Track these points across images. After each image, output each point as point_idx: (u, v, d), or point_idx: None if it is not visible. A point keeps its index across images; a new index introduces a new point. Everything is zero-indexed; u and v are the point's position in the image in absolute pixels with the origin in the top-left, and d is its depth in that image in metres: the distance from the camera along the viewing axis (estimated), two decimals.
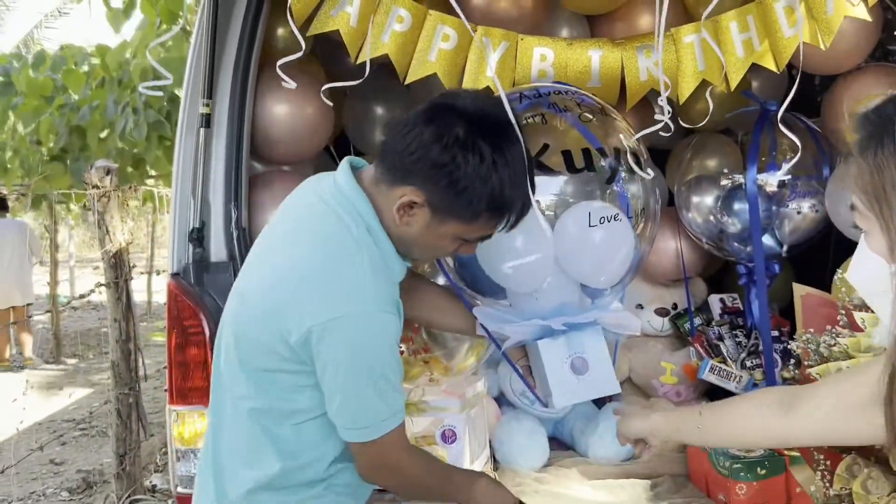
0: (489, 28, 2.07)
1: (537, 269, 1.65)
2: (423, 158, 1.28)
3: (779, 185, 2.44)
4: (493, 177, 1.29)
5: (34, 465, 4.73)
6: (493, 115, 1.34)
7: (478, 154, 1.27)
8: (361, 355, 1.30)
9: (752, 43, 2.10)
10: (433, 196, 1.29)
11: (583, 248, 1.66)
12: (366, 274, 1.30)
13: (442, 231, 1.34)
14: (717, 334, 2.68)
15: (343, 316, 1.28)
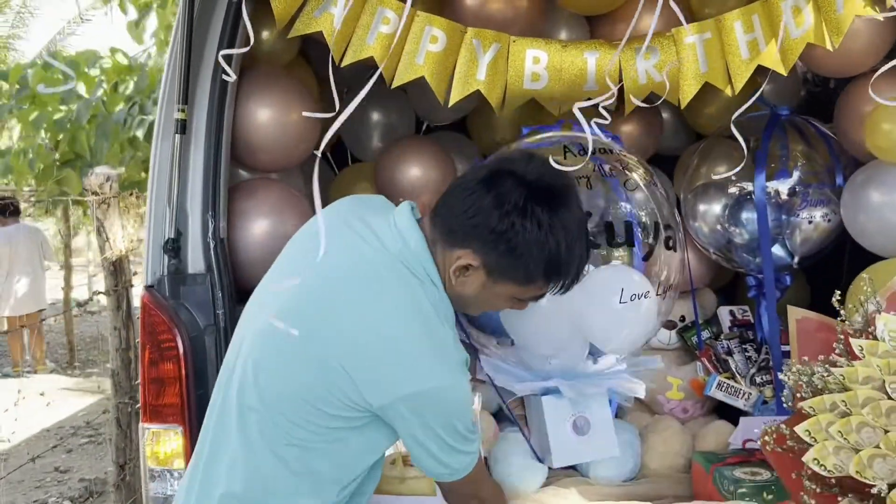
0: (479, 29, 1.98)
1: (555, 333, 1.68)
2: (482, 224, 1.34)
3: (789, 192, 2.32)
4: (551, 242, 1.35)
5: (39, 473, 4.71)
6: (550, 181, 1.39)
7: (535, 221, 1.34)
8: (453, 419, 1.38)
9: (758, 44, 1.99)
10: (490, 260, 1.35)
11: (608, 323, 1.69)
12: (449, 341, 1.37)
13: (496, 292, 1.40)
14: (726, 348, 2.56)
15: (435, 388, 1.34)
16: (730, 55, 2.01)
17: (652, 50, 2.00)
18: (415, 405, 1.34)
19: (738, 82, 2.02)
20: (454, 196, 1.38)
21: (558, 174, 1.44)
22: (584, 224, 1.44)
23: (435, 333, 1.36)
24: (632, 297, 1.63)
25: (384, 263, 1.38)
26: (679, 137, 2.87)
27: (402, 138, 2.60)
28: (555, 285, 1.41)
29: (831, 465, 1.53)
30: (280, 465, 1.38)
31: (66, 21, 13.68)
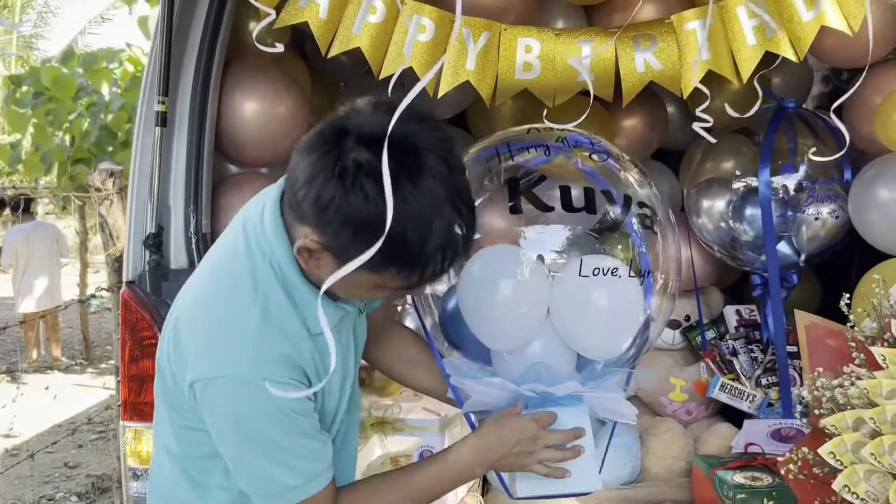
0: (470, 17, 1.92)
1: (523, 320, 1.35)
2: (308, 195, 1.06)
3: (795, 188, 2.24)
4: (387, 219, 1.02)
5: (48, 468, 4.73)
6: (397, 139, 1.03)
7: (362, 192, 1.02)
8: (241, 425, 1.14)
9: (765, 29, 1.91)
10: (329, 241, 1.07)
11: (571, 303, 1.34)
12: (249, 333, 1.13)
13: (356, 281, 1.10)
14: (731, 349, 2.48)
15: (218, 378, 1.13)
16: (735, 42, 1.93)
17: (650, 37, 1.92)
18: (203, 395, 1.14)
19: (745, 71, 1.94)
20: (294, 158, 1.11)
21: (418, 130, 1.06)
22: (455, 196, 1.07)
23: (242, 318, 1.13)
24: (595, 271, 1.30)
25: (229, 239, 1.21)
26: (685, 132, 2.78)
27: None
28: (411, 275, 1.09)
29: (863, 493, 1.42)
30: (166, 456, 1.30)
31: (87, 20, 13.81)
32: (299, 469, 1.17)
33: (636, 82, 1.99)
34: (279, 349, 1.13)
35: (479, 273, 1.35)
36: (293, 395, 1.13)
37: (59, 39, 13.94)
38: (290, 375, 1.14)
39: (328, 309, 1.16)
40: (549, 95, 2.00)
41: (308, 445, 1.18)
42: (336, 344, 1.18)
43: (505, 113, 2.64)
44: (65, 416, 5.61)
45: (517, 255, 1.35)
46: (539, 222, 1.37)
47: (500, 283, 1.34)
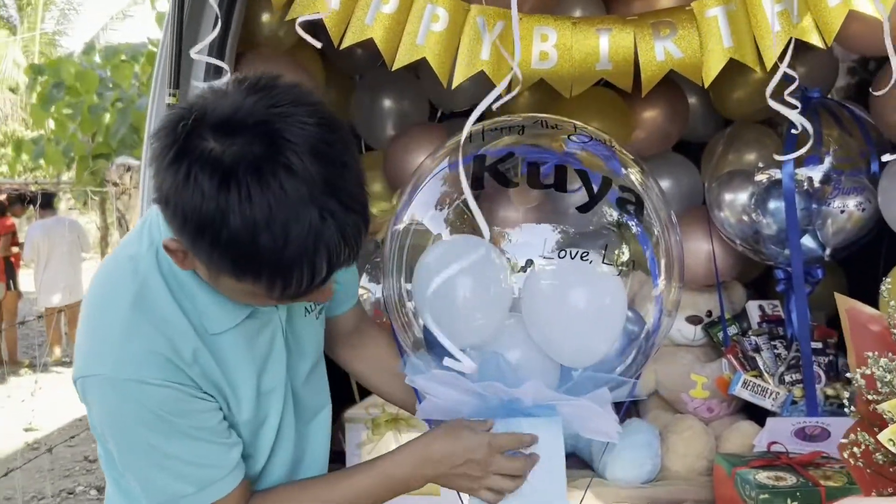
0: (484, 6, 1.88)
1: (481, 311, 1.20)
2: (154, 185, 0.93)
3: (820, 180, 2.18)
4: (231, 222, 0.87)
5: (69, 462, 4.76)
6: (244, 118, 0.88)
7: (198, 184, 0.86)
8: (115, 427, 1.04)
9: (790, 15, 1.85)
10: (187, 242, 0.93)
11: (536, 292, 1.18)
12: (117, 327, 1.01)
13: (227, 285, 0.98)
14: (754, 345, 2.43)
15: (88, 377, 1.03)
16: (758, 29, 1.87)
17: (669, 25, 1.87)
18: (82, 394, 1.04)
19: (768, 58, 1.88)
20: (147, 141, 1.05)
21: (285, 115, 0.90)
22: (326, 196, 0.90)
23: (113, 311, 1.02)
24: (561, 253, 1.14)
25: (136, 226, 1.11)
26: (706, 124, 2.73)
27: (411, 126, 2.51)
28: (272, 286, 0.94)
29: None
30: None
31: (109, 17, 13.92)
32: (188, 475, 1.06)
33: (655, 71, 1.93)
34: (150, 346, 1.01)
35: (432, 263, 1.21)
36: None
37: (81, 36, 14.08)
38: (165, 377, 1.01)
39: (227, 306, 1.06)
40: (566, 86, 1.95)
41: (197, 450, 1.06)
42: (244, 351, 1.09)
43: (521, 105, 2.59)
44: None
45: (472, 242, 1.21)
46: (509, 208, 1.25)
47: (453, 272, 1.19)
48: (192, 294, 1.05)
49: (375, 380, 1.41)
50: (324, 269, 0.93)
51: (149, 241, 1.06)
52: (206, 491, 1.07)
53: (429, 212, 1.29)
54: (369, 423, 2.17)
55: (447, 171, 1.31)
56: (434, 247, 1.24)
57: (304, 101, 0.93)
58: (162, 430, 1.03)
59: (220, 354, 1.07)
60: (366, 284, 2.35)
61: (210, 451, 1.07)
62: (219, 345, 1.07)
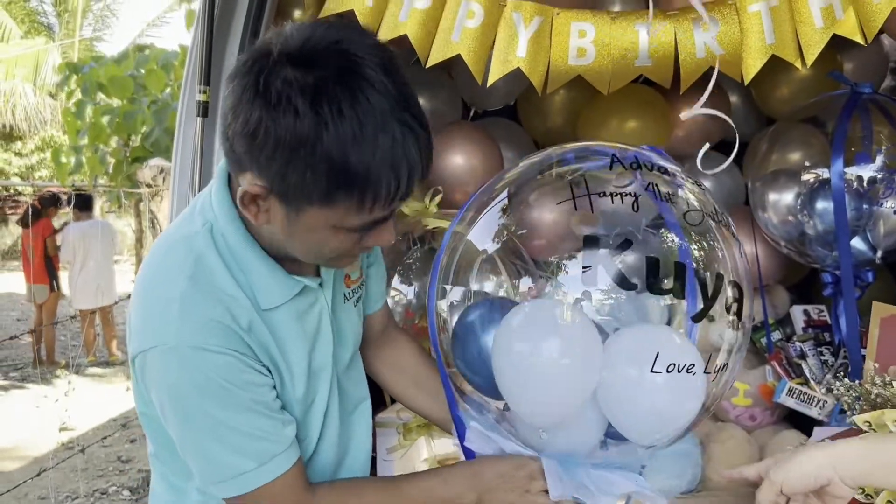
0: (520, 2, 1.83)
1: (560, 396, 1.16)
2: (236, 127, 0.94)
3: (871, 180, 2.09)
4: (325, 137, 0.90)
5: (103, 462, 4.80)
6: (320, 48, 0.92)
7: (291, 108, 0.89)
8: (176, 399, 1.04)
9: (834, 10, 1.78)
10: (272, 179, 0.95)
11: (632, 395, 1.14)
12: (175, 299, 1.02)
13: (307, 224, 0.99)
14: (799, 351, 2.34)
15: (149, 350, 1.04)
16: (801, 24, 1.80)
17: (711, 20, 1.81)
18: (143, 370, 1.05)
19: (809, 55, 1.81)
20: (224, 91, 0.99)
21: (350, 37, 0.94)
22: (402, 109, 0.94)
23: (170, 285, 1.04)
24: (669, 367, 1.10)
25: (180, 218, 1.14)
26: (749, 122, 2.64)
27: (444, 125, 2.46)
28: (363, 202, 0.96)
29: None
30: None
31: (145, 23, 14.13)
32: (247, 449, 1.06)
33: (696, 67, 1.87)
34: (209, 314, 1.02)
35: (517, 333, 1.14)
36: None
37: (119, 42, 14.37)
38: (225, 344, 1.02)
39: (281, 281, 1.09)
40: (604, 83, 1.90)
41: (255, 422, 1.06)
42: (296, 327, 1.12)
43: (557, 103, 2.54)
44: (119, 411, 5.70)
45: (564, 315, 1.14)
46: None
47: (543, 351, 1.13)
48: (248, 269, 1.07)
49: (399, 386, 1.42)
50: (405, 182, 0.96)
51: (202, 221, 1.08)
52: (266, 466, 1.07)
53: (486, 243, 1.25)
54: (400, 429, 2.13)
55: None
56: (517, 312, 1.17)
57: (361, 28, 1.00)
58: (222, 400, 1.03)
59: (273, 329, 1.09)
60: (398, 286, 2.31)
61: (268, 425, 1.07)
62: (272, 320, 1.08)
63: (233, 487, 1.08)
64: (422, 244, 2.29)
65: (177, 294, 1.03)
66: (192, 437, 1.07)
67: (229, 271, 1.06)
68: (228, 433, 1.05)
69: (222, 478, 1.07)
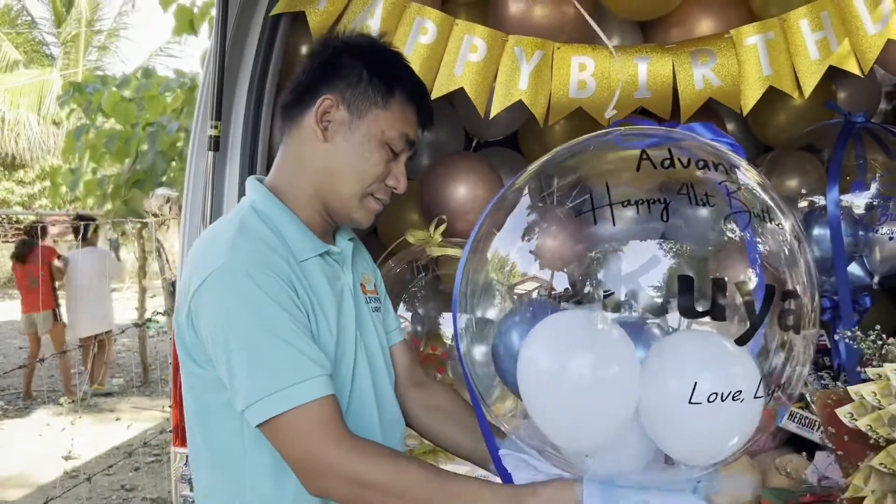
0: (521, 37, 1.89)
1: (600, 419, 1.05)
2: (316, 70, 1.29)
3: (867, 206, 2.13)
4: (388, 52, 1.34)
5: (106, 491, 4.79)
6: (378, 49, 1.35)
7: (363, 38, 1.34)
8: (230, 318, 1.15)
9: (829, 43, 1.83)
10: (343, 91, 1.28)
11: (674, 419, 1.03)
12: (226, 237, 1.21)
13: (364, 130, 1.28)
14: None
15: (205, 280, 1.17)
16: (797, 56, 1.86)
17: (708, 53, 1.86)
18: (199, 298, 1.18)
19: (807, 86, 1.87)
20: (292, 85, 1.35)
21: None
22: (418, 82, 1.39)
23: (222, 233, 1.23)
24: (711, 396, 0.99)
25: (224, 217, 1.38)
26: (746, 151, 2.69)
27: (447, 155, 2.52)
28: (406, 108, 1.30)
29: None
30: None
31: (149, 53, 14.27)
32: (290, 364, 1.13)
33: (695, 99, 1.93)
34: (255, 246, 1.20)
35: (545, 351, 1.05)
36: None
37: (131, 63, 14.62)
38: (272, 269, 1.18)
39: (311, 239, 1.29)
40: (604, 114, 1.95)
41: (298, 340, 1.15)
42: (326, 284, 1.27)
43: (558, 133, 2.59)
44: (122, 439, 5.70)
45: (597, 328, 1.03)
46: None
47: (576, 370, 1.03)
48: (283, 229, 1.26)
49: (434, 426, 1.45)
50: (425, 107, 1.33)
51: (243, 202, 1.32)
52: (306, 384, 1.13)
53: (516, 244, 1.16)
54: (408, 455, 2.15)
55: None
56: (544, 328, 1.07)
57: None
58: (268, 316, 1.14)
59: (308, 277, 1.24)
60: (403, 314, 2.35)
61: (308, 346, 1.16)
62: (307, 270, 1.25)
63: (273, 405, 1.12)
64: (426, 272, 2.33)
65: (225, 239, 1.20)
66: (239, 354, 1.14)
67: (269, 229, 1.25)
68: (273, 346, 1.13)
69: (264, 392, 1.12)
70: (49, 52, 17.12)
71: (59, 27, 16.67)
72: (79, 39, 16.17)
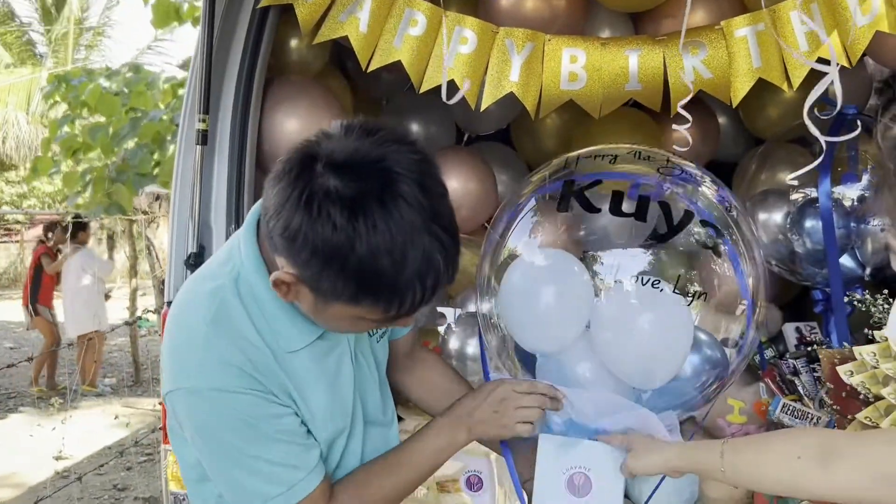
0: (512, 28, 1.87)
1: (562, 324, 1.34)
2: (277, 225, 1.01)
3: (858, 198, 2.13)
4: (358, 249, 0.97)
5: (98, 491, 4.76)
6: (364, 162, 0.99)
7: (330, 220, 0.97)
8: (205, 435, 1.13)
9: (818, 35, 1.83)
10: (302, 272, 1.03)
11: (607, 312, 1.30)
12: (198, 341, 1.10)
13: (334, 313, 1.07)
14: (792, 368, 2.36)
15: (176, 390, 1.12)
16: (786, 48, 1.85)
17: (699, 45, 1.85)
18: (173, 408, 1.14)
19: (795, 78, 1.86)
20: (265, 188, 1.06)
21: (392, 153, 1.00)
22: (432, 222, 1.00)
23: (194, 326, 1.12)
24: (637, 278, 1.27)
25: (214, 264, 1.21)
26: (738, 144, 2.69)
27: (438, 150, 2.50)
28: (389, 307, 1.03)
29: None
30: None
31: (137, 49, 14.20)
32: (275, 476, 1.13)
33: (685, 91, 1.91)
34: (226, 358, 1.09)
35: (519, 275, 1.35)
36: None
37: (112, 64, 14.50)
38: (241, 385, 1.10)
39: (301, 327, 1.15)
40: (595, 107, 1.94)
41: (281, 451, 1.13)
42: (315, 367, 1.17)
43: (549, 127, 2.58)
44: (114, 439, 5.67)
45: (562, 258, 1.34)
46: (594, 232, 1.35)
47: (540, 285, 1.34)
48: (272, 315, 1.13)
49: (431, 402, 1.48)
50: (431, 290, 1.04)
51: (229, 268, 1.15)
52: (294, 490, 1.14)
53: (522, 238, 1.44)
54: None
55: (535, 202, 1.46)
56: (524, 259, 1.38)
57: (406, 140, 1.04)
58: (247, 434, 1.11)
59: (292, 372, 1.15)
60: None
61: (292, 452, 1.14)
62: (292, 363, 1.15)
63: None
64: None
65: (198, 337, 1.10)
66: (223, 469, 1.15)
67: (250, 318, 1.12)
68: (255, 463, 1.12)
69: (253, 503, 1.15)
70: (37, 52, 17.00)
71: (47, 26, 16.56)
72: (67, 38, 16.06)
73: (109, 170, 5.69)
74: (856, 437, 1.13)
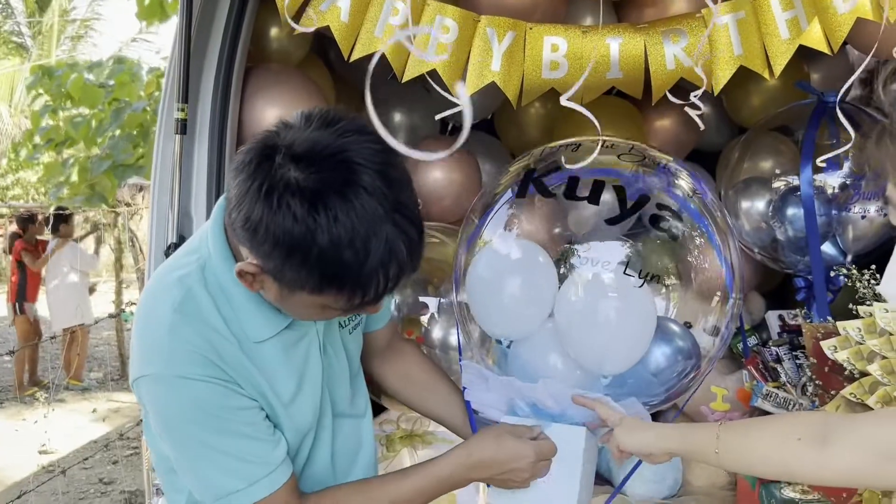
0: (494, 17, 1.86)
1: (527, 306, 1.40)
2: (239, 217, 1.01)
3: (840, 186, 2.14)
4: (320, 240, 0.97)
5: (84, 485, 4.74)
6: (325, 153, 0.98)
7: (290, 211, 0.96)
8: (168, 423, 1.13)
9: (799, 22, 1.83)
10: (265, 263, 1.02)
11: (567, 297, 1.35)
12: (163, 328, 1.09)
13: (299, 302, 1.06)
14: (775, 355, 2.38)
15: (141, 377, 1.12)
16: (767, 36, 1.85)
17: (679, 32, 1.85)
18: (139, 395, 1.14)
19: (777, 65, 1.86)
20: (227, 179, 1.08)
21: (352, 143, 0.99)
22: (395, 212, 0.99)
23: (159, 314, 1.11)
24: (587, 260, 1.34)
25: (183, 248, 1.21)
26: (721, 131, 2.70)
27: (421, 140, 2.49)
28: (353, 296, 1.03)
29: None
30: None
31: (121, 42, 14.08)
32: (237, 471, 1.12)
33: (666, 79, 1.91)
34: (190, 346, 1.09)
35: (484, 265, 1.43)
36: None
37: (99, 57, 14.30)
38: (206, 373, 1.09)
39: (268, 316, 1.14)
40: (576, 95, 1.93)
41: (244, 446, 1.12)
42: (282, 357, 1.16)
43: (532, 116, 2.58)
44: (99, 433, 5.64)
45: (526, 247, 1.41)
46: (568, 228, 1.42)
47: (505, 273, 1.41)
48: (238, 305, 1.12)
49: (408, 392, 1.48)
50: (395, 279, 1.03)
51: (196, 257, 1.14)
52: (255, 486, 1.13)
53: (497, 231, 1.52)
54: (384, 440, 2.14)
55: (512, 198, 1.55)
56: (490, 248, 1.46)
57: (367, 130, 1.04)
58: (210, 426, 1.10)
59: (260, 362, 1.14)
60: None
61: (256, 448, 1.13)
62: (259, 353, 1.14)
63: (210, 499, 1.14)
64: None
65: (163, 325, 1.09)
66: (186, 460, 1.14)
67: (217, 307, 1.11)
68: (218, 456, 1.12)
69: (214, 497, 1.14)
70: (22, 43, 16.81)
71: (31, 17, 16.38)
72: (52, 31, 15.89)
73: (92, 160, 5.65)
74: (853, 417, 1.13)
